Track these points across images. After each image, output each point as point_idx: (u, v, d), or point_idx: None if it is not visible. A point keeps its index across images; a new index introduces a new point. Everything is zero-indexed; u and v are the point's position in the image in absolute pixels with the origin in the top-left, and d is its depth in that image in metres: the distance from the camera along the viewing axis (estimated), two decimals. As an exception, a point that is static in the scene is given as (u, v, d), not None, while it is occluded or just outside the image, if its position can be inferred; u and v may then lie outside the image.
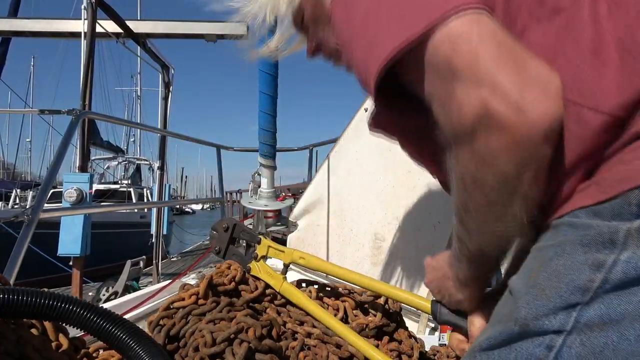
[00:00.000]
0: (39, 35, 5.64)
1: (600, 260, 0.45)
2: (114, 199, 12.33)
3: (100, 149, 12.57)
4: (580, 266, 0.46)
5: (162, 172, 6.45)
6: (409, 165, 1.81)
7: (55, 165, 1.74)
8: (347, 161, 2.15)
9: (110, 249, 9.21)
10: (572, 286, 0.46)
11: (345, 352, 1.05)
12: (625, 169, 0.46)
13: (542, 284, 0.49)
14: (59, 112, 3.46)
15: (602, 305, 0.44)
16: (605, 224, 0.45)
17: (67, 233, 3.21)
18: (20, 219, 1.43)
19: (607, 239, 0.45)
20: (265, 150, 2.14)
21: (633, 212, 0.44)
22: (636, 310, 0.43)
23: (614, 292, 0.44)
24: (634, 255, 0.43)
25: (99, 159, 14.38)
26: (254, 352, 0.94)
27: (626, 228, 0.44)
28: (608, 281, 0.44)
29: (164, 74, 6.27)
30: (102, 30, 4.88)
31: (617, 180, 0.46)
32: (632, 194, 0.44)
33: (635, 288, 0.43)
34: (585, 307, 0.45)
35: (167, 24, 5.40)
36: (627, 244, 0.43)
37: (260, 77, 2.07)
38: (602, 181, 0.48)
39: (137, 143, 24.99)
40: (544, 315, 0.47)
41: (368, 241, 1.98)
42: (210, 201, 13.58)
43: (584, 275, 0.45)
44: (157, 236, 6.05)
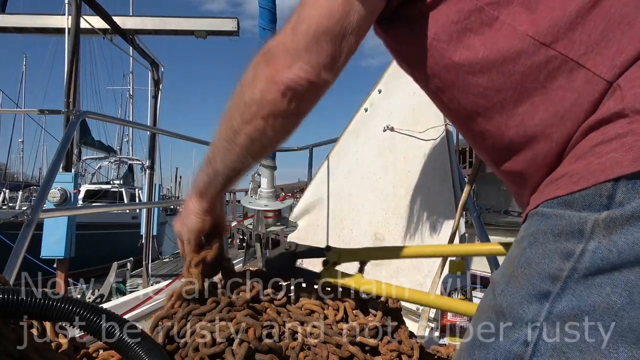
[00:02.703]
0: (23, 32, 5.54)
1: (570, 249, 0.46)
2: (105, 199, 12.29)
3: (91, 148, 12.52)
4: (551, 255, 0.47)
5: (152, 171, 6.34)
6: (409, 165, 1.81)
7: (55, 165, 1.74)
8: (347, 161, 2.15)
9: (100, 250, 9.15)
10: (544, 274, 0.47)
11: (346, 352, 1.05)
12: (598, 162, 0.46)
13: (516, 272, 0.50)
14: (59, 112, 3.45)
15: (573, 297, 0.45)
16: (575, 214, 0.46)
17: (51, 234, 3.07)
18: (20, 219, 1.43)
19: (576, 229, 0.46)
20: (265, 150, 2.13)
21: (603, 203, 0.45)
22: (605, 303, 0.43)
23: (583, 282, 0.45)
24: (599, 246, 0.44)
25: (90, 159, 14.32)
26: (254, 352, 0.94)
27: (594, 219, 0.45)
28: (577, 270, 0.45)
29: (154, 72, 6.17)
30: (88, 26, 4.78)
31: (590, 172, 0.47)
32: (604, 187, 0.45)
33: (604, 279, 0.44)
34: (557, 298, 0.46)
35: (155, 20, 5.27)
36: (594, 233, 0.45)
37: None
38: (574, 173, 0.49)
39: (130, 143, 24.92)
40: (518, 303, 0.48)
41: (368, 241, 1.98)
42: None
43: (554, 264, 0.47)
44: (147, 237, 6.00)
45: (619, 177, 0.44)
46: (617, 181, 0.44)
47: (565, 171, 0.50)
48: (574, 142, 0.51)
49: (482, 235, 1.45)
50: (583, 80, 0.50)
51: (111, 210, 10.43)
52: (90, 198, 12.04)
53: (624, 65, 0.48)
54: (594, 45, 0.50)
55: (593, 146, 0.48)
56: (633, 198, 0.43)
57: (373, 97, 2.00)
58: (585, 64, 0.50)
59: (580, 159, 0.49)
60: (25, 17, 5.34)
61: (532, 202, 0.54)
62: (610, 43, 0.49)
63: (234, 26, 5.33)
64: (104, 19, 4.72)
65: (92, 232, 9.91)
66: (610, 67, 0.48)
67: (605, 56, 0.49)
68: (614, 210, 0.44)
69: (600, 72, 0.49)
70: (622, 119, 0.46)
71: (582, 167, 0.48)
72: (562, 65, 0.51)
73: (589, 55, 0.50)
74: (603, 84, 0.49)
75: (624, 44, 0.49)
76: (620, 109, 0.46)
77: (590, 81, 0.50)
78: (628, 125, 0.45)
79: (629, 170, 0.43)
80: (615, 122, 0.47)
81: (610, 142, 0.46)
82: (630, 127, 0.45)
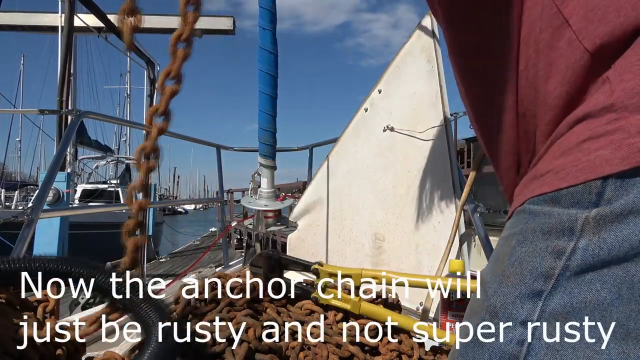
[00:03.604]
0: (17, 29, 5.53)
1: (561, 247, 0.46)
2: (102, 199, 12.28)
3: (88, 148, 12.51)
4: (541, 253, 0.47)
5: None
6: (409, 165, 1.81)
7: (55, 165, 1.74)
8: (347, 161, 2.15)
9: (95, 250, 9.14)
10: (535, 273, 0.47)
11: (346, 352, 1.05)
12: (586, 159, 0.46)
13: (507, 272, 0.50)
14: (60, 112, 3.45)
15: (565, 294, 0.45)
16: (564, 212, 0.47)
17: (43, 234, 3.05)
18: (20, 219, 1.44)
19: (566, 226, 0.46)
20: (265, 150, 2.14)
21: (592, 200, 0.45)
22: (595, 299, 0.44)
23: (574, 280, 0.45)
24: (590, 243, 0.44)
25: (87, 159, 14.31)
26: (254, 352, 0.94)
27: (584, 216, 0.45)
28: (568, 268, 0.45)
29: (150, 71, 6.14)
30: (82, 24, 4.76)
31: (578, 169, 0.46)
32: (594, 184, 0.45)
33: (594, 275, 0.44)
34: (549, 296, 0.46)
35: (151, 18, 5.25)
36: (584, 231, 0.45)
37: (260, 76, 2.07)
38: (560, 169, 0.48)
39: (128, 142, 24.90)
40: (511, 303, 0.48)
41: (368, 241, 1.98)
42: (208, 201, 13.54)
43: (546, 263, 0.47)
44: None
45: (607, 176, 0.44)
46: (606, 179, 0.44)
47: (550, 167, 0.50)
48: (558, 134, 0.51)
49: (483, 235, 1.45)
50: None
51: (109, 210, 10.42)
52: (87, 198, 12.02)
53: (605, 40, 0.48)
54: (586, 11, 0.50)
55: (580, 142, 0.48)
56: (621, 195, 0.43)
57: (373, 97, 2.00)
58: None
59: (565, 154, 0.49)
60: (19, 14, 5.32)
61: (517, 197, 0.55)
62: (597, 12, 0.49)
63: (230, 25, 5.32)
64: (98, 17, 4.68)
65: (87, 232, 9.88)
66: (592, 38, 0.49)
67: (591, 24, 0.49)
68: (603, 207, 0.44)
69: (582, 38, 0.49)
70: (611, 114, 0.46)
71: (568, 163, 0.48)
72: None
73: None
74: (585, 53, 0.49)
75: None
76: (609, 104, 0.46)
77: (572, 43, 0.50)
78: (617, 121, 0.45)
79: (618, 168, 0.44)
80: (603, 117, 0.46)
81: (598, 138, 0.46)
82: (619, 123, 0.45)
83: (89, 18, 4.81)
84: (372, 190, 1.98)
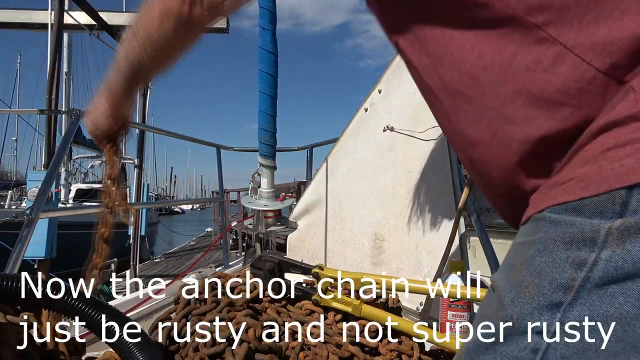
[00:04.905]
0: (7, 27, 5.48)
1: (582, 258, 0.45)
2: (96, 198, 12.26)
3: (82, 147, 12.51)
4: (562, 264, 0.46)
5: (141, 170, 6.30)
6: (409, 165, 1.81)
7: (55, 164, 1.74)
8: (347, 161, 2.15)
9: (86, 250, 9.06)
10: (555, 284, 0.46)
11: (346, 352, 1.05)
12: (610, 168, 0.45)
13: (525, 282, 0.48)
14: (59, 112, 3.44)
15: (585, 306, 0.44)
16: (587, 222, 0.45)
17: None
18: (20, 219, 1.44)
19: (588, 237, 0.45)
20: (265, 150, 2.14)
21: (616, 211, 0.43)
22: (618, 313, 0.42)
23: (595, 292, 0.44)
24: (613, 254, 0.43)
25: (81, 158, 14.26)
26: (254, 352, 0.94)
27: (607, 227, 0.44)
28: (590, 280, 0.44)
29: None
30: (73, 22, 4.71)
31: (602, 178, 0.45)
32: (618, 194, 0.44)
33: (617, 288, 0.43)
34: (569, 307, 0.45)
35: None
36: (607, 242, 0.43)
37: (260, 76, 2.07)
38: (583, 177, 0.47)
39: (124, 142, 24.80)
40: (529, 314, 0.47)
41: (368, 241, 1.98)
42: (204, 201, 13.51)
43: (566, 274, 0.45)
44: (135, 238, 5.93)
45: (633, 185, 0.43)
46: (631, 189, 0.43)
47: (573, 175, 0.48)
48: (581, 144, 0.49)
49: (483, 235, 1.45)
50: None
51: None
52: (81, 197, 11.98)
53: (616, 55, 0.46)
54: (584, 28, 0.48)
55: (605, 150, 0.46)
56: None
57: (373, 97, 2.00)
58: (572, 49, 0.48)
59: (589, 163, 0.47)
60: (9, 12, 5.27)
61: (534, 203, 0.52)
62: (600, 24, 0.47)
63: (223, 23, 5.30)
64: (90, 15, 4.65)
65: (78, 232, 9.89)
66: (600, 55, 0.47)
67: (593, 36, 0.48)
68: (628, 218, 0.43)
69: (590, 60, 0.48)
70: (636, 122, 0.45)
71: (592, 171, 0.46)
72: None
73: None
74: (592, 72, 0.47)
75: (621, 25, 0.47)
76: (634, 112, 0.45)
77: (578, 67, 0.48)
78: None
79: None
80: (628, 126, 0.45)
81: (624, 147, 0.45)
82: None
83: (80, 15, 4.76)
84: (372, 190, 1.98)
